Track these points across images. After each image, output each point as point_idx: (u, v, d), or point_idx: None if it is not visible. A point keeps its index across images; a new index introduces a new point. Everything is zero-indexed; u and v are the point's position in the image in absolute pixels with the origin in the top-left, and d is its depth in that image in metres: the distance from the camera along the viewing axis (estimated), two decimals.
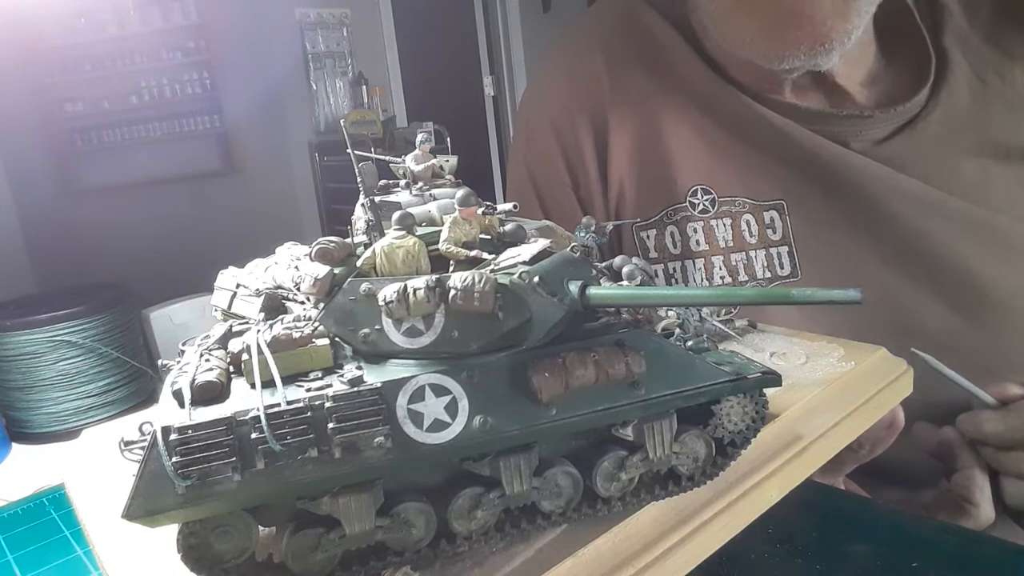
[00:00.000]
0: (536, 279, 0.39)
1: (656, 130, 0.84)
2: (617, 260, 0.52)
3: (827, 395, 0.58)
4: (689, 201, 0.83)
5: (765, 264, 0.81)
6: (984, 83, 0.78)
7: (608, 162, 0.87)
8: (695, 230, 0.83)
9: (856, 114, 0.78)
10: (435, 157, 0.56)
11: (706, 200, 0.82)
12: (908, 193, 0.76)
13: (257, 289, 0.51)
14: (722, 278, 0.82)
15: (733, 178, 0.82)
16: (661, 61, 0.85)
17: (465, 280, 0.38)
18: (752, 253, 0.82)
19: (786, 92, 0.81)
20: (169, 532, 0.37)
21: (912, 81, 0.79)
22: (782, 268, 0.81)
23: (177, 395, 0.38)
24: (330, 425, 0.36)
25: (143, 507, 0.35)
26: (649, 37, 0.86)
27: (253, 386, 0.38)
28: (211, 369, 0.40)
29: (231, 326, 0.46)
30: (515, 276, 0.39)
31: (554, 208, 0.92)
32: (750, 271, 0.82)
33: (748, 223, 0.81)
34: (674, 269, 0.85)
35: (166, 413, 0.37)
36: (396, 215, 0.43)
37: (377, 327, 0.40)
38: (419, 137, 0.55)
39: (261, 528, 0.40)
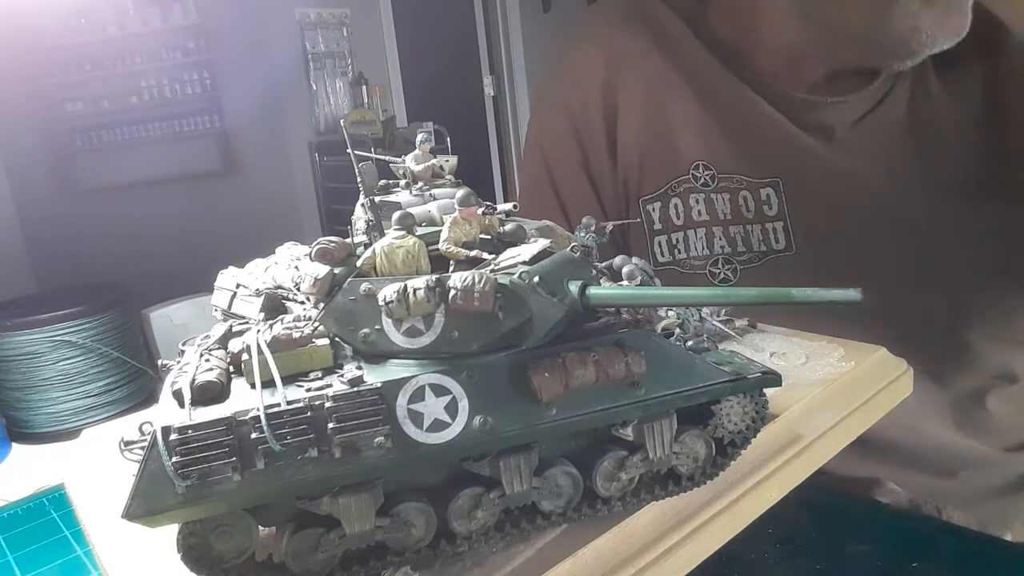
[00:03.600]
0: (536, 279, 0.39)
1: (661, 109, 0.88)
2: (617, 260, 0.52)
3: (827, 395, 0.58)
4: (692, 174, 0.86)
5: (761, 238, 0.85)
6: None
7: (617, 138, 0.91)
8: (697, 200, 0.86)
9: (840, 101, 0.82)
10: (435, 157, 0.56)
11: (707, 175, 0.86)
12: (881, 187, 0.80)
13: (257, 289, 0.51)
14: (722, 247, 0.86)
15: (730, 157, 0.85)
16: (667, 46, 0.89)
17: (465, 280, 0.38)
18: (749, 227, 0.85)
19: (805, 79, 0.83)
20: (169, 532, 0.37)
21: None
22: (777, 243, 0.84)
23: (177, 395, 0.38)
24: (330, 425, 0.36)
25: (143, 507, 0.35)
26: (657, 24, 0.90)
27: (253, 386, 0.38)
28: (211, 369, 0.40)
29: (231, 326, 0.46)
30: (515, 276, 0.39)
31: (566, 188, 0.95)
32: (747, 244, 0.85)
33: (745, 199, 0.85)
34: (676, 240, 0.88)
35: (166, 413, 0.37)
36: (396, 215, 0.43)
37: (377, 327, 0.40)
38: (419, 137, 0.55)
39: (261, 528, 0.40)
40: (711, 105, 0.86)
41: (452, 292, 0.38)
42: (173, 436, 0.35)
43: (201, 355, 0.42)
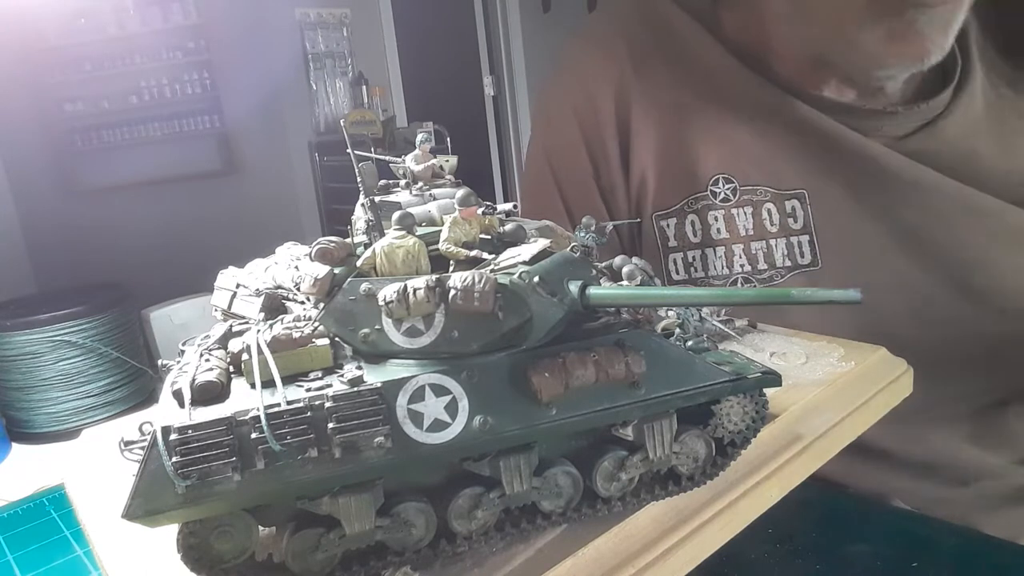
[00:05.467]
0: (536, 279, 0.39)
1: (678, 120, 0.85)
2: (617, 260, 0.52)
3: (827, 395, 0.58)
4: (711, 190, 0.83)
5: (786, 252, 0.82)
6: (997, 92, 0.80)
7: (630, 151, 0.88)
8: (716, 218, 0.83)
9: (879, 110, 0.79)
10: (435, 157, 0.56)
11: (727, 189, 0.83)
12: (927, 184, 0.77)
13: (257, 289, 0.51)
14: (742, 266, 0.83)
15: (755, 167, 0.82)
16: (682, 51, 0.86)
17: (465, 280, 0.38)
18: (773, 242, 0.82)
19: (826, 86, 0.81)
20: (169, 532, 0.37)
21: (937, 81, 0.80)
22: (803, 256, 0.81)
23: (177, 395, 0.38)
24: (330, 425, 0.36)
25: (143, 507, 0.35)
26: (669, 28, 0.87)
27: (253, 386, 0.38)
28: (211, 369, 0.40)
29: (231, 326, 0.46)
30: (515, 276, 0.39)
31: (574, 199, 0.92)
32: (770, 260, 0.82)
33: (769, 211, 0.82)
34: (693, 258, 0.85)
35: (166, 413, 0.37)
36: (396, 215, 0.43)
37: (377, 327, 0.40)
38: (419, 137, 0.55)
39: (261, 528, 0.40)
40: (732, 109, 0.83)
41: (452, 292, 0.38)
42: (173, 436, 0.35)
43: (201, 355, 0.42)
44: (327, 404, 0.37)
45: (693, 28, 0.85)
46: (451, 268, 0.43)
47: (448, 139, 3.75)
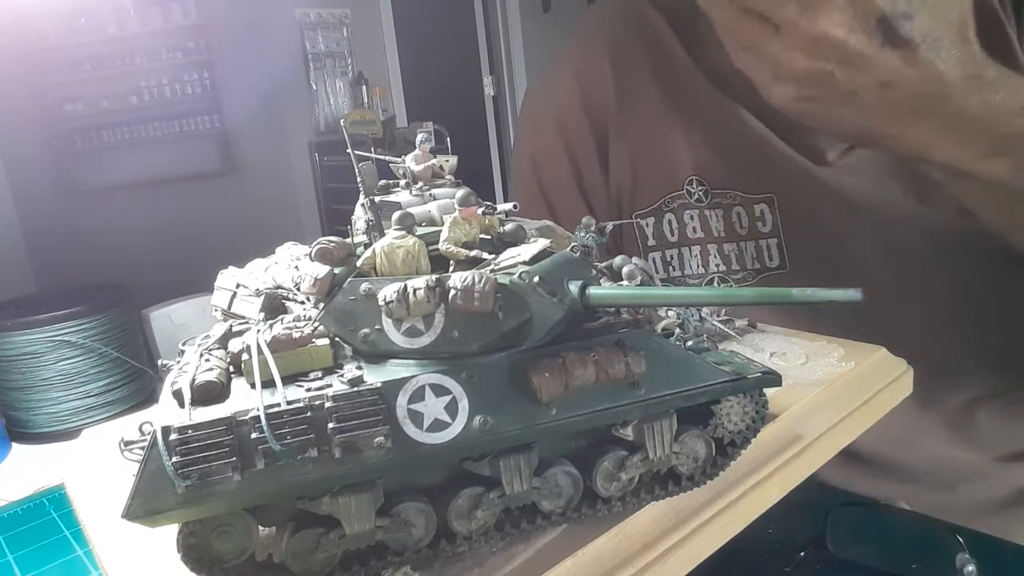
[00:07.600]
0: (536, 279, 0.39)
1: (655, 123, 0.86)
2: (617, 260, 0.52)
3: (827, 395, 0.58)
4: (686, 189, 0.85)
5: (755, 255, 0.83)
6: None
7: (609, 153, 0.89)
8: (691, 218, 0.85)
9: None
10: (435, 157, 0.56)
11: (700, 191, 0.84)
12: (882, 200, 0.78)
13: (257, 289, 0.51)
14: (717, 266, 0.84)
15: (723, 172, 0.83)
16: (660, 58, 0.87)
17: (465, 280, 0.38)
18: (742, 244, 0.83)
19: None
20: (169, 532, 0.37)
21: None
22: (771, 260, 0.82)
23: (177, 395, 0.38)
24: (330, 425, 0.36)
25: (143, 507, 0.35)
26: (652, 35, 0.88)
27: (253, 386, 0.38)
28: (211, 369, 0.40)
29: (231, 326, 0.46)
30: (515, 276, 0.39)
31: (558, 201, 0.93)
32: (741, 262, 0.83)
33: (739, 215, 0.83)
34: (671, 257, 0.87)
35: (166, 413, 0.37)
36: (396, 215, 0.43)
37: (377, 327, 0.40)
38: (419, 137, 0.55)
39: (261, 528, 0.40)
40: (701, 114, 0.83)
41: (452, 292, 0.38)
42: (173, 436, 0.35)
43: (201, 355, 0.42)
44: (327, 404, 0.37)
45: (670, 39, 0.85)
46: (451, 268, 0.43)
47: (448, 139, 3.76)
